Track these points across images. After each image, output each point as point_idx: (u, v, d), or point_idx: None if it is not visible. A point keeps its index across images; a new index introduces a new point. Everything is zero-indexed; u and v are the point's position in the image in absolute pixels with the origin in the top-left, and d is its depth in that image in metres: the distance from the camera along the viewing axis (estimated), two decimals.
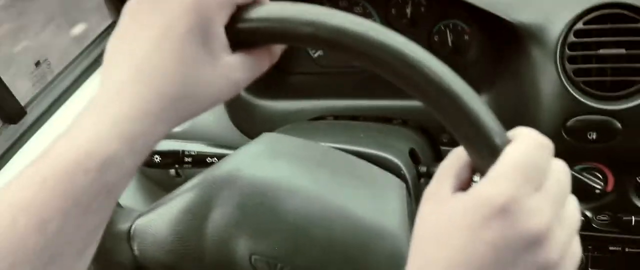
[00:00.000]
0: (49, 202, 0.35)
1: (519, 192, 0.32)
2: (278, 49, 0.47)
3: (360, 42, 0.38)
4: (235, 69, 0.42)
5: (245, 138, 0.97)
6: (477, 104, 0.36)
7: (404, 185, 0.66)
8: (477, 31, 0.92)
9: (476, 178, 0.37)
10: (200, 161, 0.78)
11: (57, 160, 0.36)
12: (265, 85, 0.99)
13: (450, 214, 0.34)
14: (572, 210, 0.36)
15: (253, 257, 0.58)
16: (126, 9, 0.42)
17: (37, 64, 1.06)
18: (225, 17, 0.41)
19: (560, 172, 0.36)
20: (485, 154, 0.35)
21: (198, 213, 0.60)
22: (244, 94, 0.97)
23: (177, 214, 0.61)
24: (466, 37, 0.94)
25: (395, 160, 0.70)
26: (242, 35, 0.42)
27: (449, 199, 0.35)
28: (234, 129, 0.99)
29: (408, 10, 0.95)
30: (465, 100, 0.36)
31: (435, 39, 0.95)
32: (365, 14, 0.98)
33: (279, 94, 0.98)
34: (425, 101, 0.38)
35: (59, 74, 1.03)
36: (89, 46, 1.12)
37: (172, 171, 0.99)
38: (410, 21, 0.95)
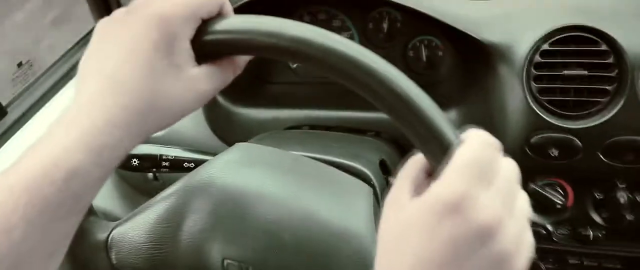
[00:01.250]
0: (14, 209, 0.36)
1: (469, 188, 0.34)
2: (242, 59, 0.49)
3: (317, 51, 0.40)
4: (200, 81, 0.44)
5: (224, 144, 0.99)
6: (429, 106, 0.38)
7: (371, 189, 0.68)
8: (450, 47, 0.95)
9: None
10: (178, 166, 0.80)
11: (25, 169, 0.37)
12: (243, 93, 1.01)
13: (408, 217, 0.36)
14: (522, 203, 0.37)
15: (225, 262, 0.60)
16: (98, 27, 0.44)
17: (20, 64, 1.07)
18: (190, 30, 0.43)
19: (508, 168, 0.37)
20: (437, 154, 0.37)
21: (173, 221, 0.61)
22: (222, 101, 0.99)
23: (153, 222, 0.63)
24: (440, 53, 0.97)
25: (365, 170, 0.72)
26: (206, 47, 0.44)
27: (407, 203, 0.37)
28: (213, 135, 1.01)
29: (385, 25, 0.98)
30: (418, 102, 0.38)
31: (411, 54, 0.98)
32: (343, 28, 1.00)
33: (257, 102, 1.00)
34: (380, 105, 0.40)
35: (41, 75, 1.04)
36: (72, 48, 1.13)
37: (150, 175, 1.00)
38: (386, 36, 0.98)
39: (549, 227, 0.85)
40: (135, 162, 0.80)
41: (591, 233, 0.82)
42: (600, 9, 0.77)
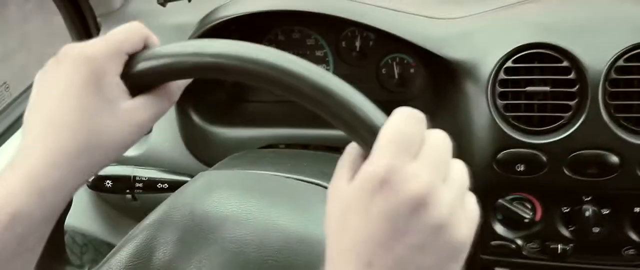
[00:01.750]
0: None
1: (395, 162, 0.34)
2: (176, 85, 0.50)
3: (239, 62, 0.41)
4: (135, 112, 0.46)
5: (201, 164, 1.00)
6: (352, 94, 0.39)
7: None
8: (421, 65, 0.97)
9: None
10: (151, 187, 0.81)
11: None
12: (219, 112, 1.02)
13: (346, 200, 0.36)
14: (458, 171, 0.38)
15: None
16: (36, 77, 0.46)
17: None
18: (118, 66, 0.45)
19: (437, 138, 0.38)
20: (367, 139, 0.38)
21: (144, 255, 0.62)
22: (198, 121, 1.00)
23: (126, 260, 0.63)
24: (412, 70, 0.99)
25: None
26: (134, 79, 0.45)
27: (344, 188, 0.37)
28: (189, 154, 1.01)
29: (357, 44, 0.99)
30: (341, 92, 0.39)
31: (383, 72, 1.00)
32: (317, 46, 1.02)
33: (233, 122, 1.01)
34: (308, 104, 0.40)
35: (17, 97, 1.05)
36: None
37: (129, 195, 1.01)
38: (359, 54, 1.00)
39: (519, 242, 0.86)
40: (108, 183, 0.81)
41: (560, 246, 0.83)
42: (562, 26, 0.79)
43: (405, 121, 0.37)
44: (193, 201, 0.64)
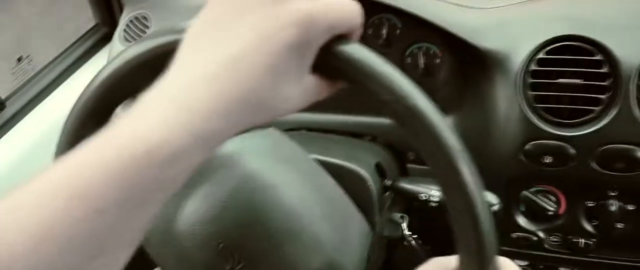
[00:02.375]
0: (107, 191, 0.33)
1: None
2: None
3: (421, 127, 0.40)
4: (310, 90, 0.42)
5: None
6: (489, 223, 0.41)
7: (372, 232, 0.70)
8: (447, 55, 0.97)
9: None
10: None
11: (125, 146, 0.33)
12: None
13: None
14: None
15: (221, 245, 0.59)
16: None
17: (19, 59, 1.07)
18: (324, 40, 0.40)
19: None
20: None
21: (190, 179, 0.61)
22: None
23: None
24: (437, 60, 0.98)
25: (362, 171, 0.73)
26: (330, 64, 0.42)
27: None
28: None
29: (384, 31, 0.99)
30: (483, 219, 0.40)
31: (408, 61, 0.99)
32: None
33: None
34: (449, 202, 0.42)
35: (40, 70, 1.04)
36: (72, 45, 1.14)
37: None
38: (385, 42, 0.99)
39: (541, 234, 0.86)
40: None
41: (582, 241, 0.83)
42: (596, 19, 0.79)
43: None
44: (259, 160, 0.62)
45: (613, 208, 0.80)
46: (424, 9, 0.84)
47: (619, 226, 0.81)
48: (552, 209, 0.82)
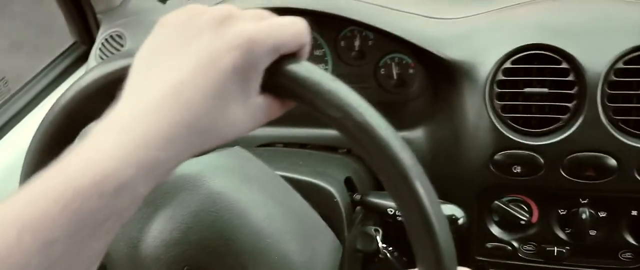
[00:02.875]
0: (57, 221, 0.33)
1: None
2: None
3: (374, 146, 0.40)
4: (260, 110, 0.42)
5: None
6: (447, 237, 0.41)
7: (341, 247, 0.70)
8: (420, 66, 0.97)
9: None
10: None
11: (73, 177, 0.34)
12: None
13: None
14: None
15: (186, 268, 0.59)
16: (170, 20, 0.41)
17: None
18: (269, 62, 0.40)
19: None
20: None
21: (150, 204, 0.60)
22: None
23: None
24: (411, 70, 0.98)
25: (330, 188, 0.73)
26: (278, 84, 0.42)
27: None
28: None
29: (356, 43, 0.99)
30: (440, 232, 0.40)
31: (382, 72, 1.00)
32: (316, 46, 1.02)
33: None
34: (406, 219, 0.41)
35: (16, 92, 1.04)
36: (48, 66, 1.14)
37: None
38: (358, 54, 0.99)
39: (515, 244, 0.86)
40: None
41: (556, 249, 0.83)
42: (562, 27, 0.79)
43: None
44: (223, 179, 0.61)
45: (585, 216, 0.80)
46: (392, 23, 0.84)
47: (591, 233, 0.81)
48: (524, 218, 0.82)
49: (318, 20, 0.97)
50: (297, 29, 0.41)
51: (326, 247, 0.67)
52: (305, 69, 0.42)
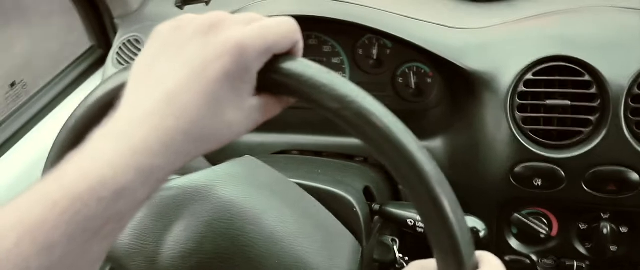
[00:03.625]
0: (57, 226, 0.34)
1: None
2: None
3: (382, 138, 0.40)
4: (256, 111, 0.43)
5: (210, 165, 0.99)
6: (459, 218, 0.39)
7: (360, 248, 0.69)
8: (438, 75, 0.96)
9: None
10: None
11: (71, 184, 0.35)
12: None
13: None
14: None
15: None
16: (161, 31, 0.42)
17: (12, 84, 1.07)
18: (261, 64, 0.41)
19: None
20: (451, 265, 0.40)
21: (165, 215, 0.60)
22: None
23: (143, 212, 0.61)
24: (429, 80, 0.98)
25: (349, 197, 0.72)
26: (273, 84, 0.42)
27: None
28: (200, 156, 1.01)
29: (374, 52, 0.99)
30: (450, 212, 0.39)
31: (400, 81, 0.99)
32: (334, 54, 1.01)
33: None
34: (414, 200, 0.40)
35: (34, 95, 1.05)
36: (66, 68, 1.14)
37: None
38: (376, 62, 0.99)
39: (534, 257, 0.85)
40: None
41: (575, 264, 0.82)
42: (584, 40, 0.78)
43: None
44: (233, 188, 0.61)
45: (606, 231, 0.78)
46: (409, 31, 0.84)
47: (612, 249, 0.80)
48: (544, 231, 0.81)
49: (336, 28, 0.97)
50: (286, 28, 0.42)
51: (344, 249, 0.67)
52: (299, 64, 0.42)
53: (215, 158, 1.00)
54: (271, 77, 0.42)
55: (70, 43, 1.32)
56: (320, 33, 1.01)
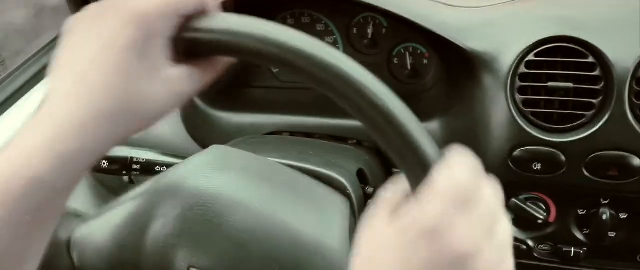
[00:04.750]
0: None
1: (446, 213, 0.33)
2: (222, 61, 0.46)
3: (304, 61, 0.38)
4: (178, 82, 0.41)
5: (200, 148, 0.96)
6: (410, 120, 0.37)
7: (348, 202, 0.67)
8: (435, 56, 0.93)
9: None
10: (149, 170, 0.77)
11: None
12: (222, 97, 0.98)
13: (385, 238, 0.35)
14: (503, 229, 0.36)
15: (190, 268, 0.58)
16: (72, 20, 0.41)
17: None
18: (170, 28, 0.40)
19: (489, 192, 0.36)
20: (417, 173, 0.36)
21: (139, 222, 0.59)
22: (200, 104, 0.96)
23: (118, 223, 0.60)
24: (425, 61, 0.95)
25: (342, 179, 0.70)
26: (186, 46, 0.41)
27: (384, 224, 0.35)
28: (190, 138, 0.98)
29: (369, 31, 0.96)
30: (398, 116, 0.36)
31: (395, 62, 0.96)
32: (327, 32, 0.98)
33: (236, 107, 0.97)
34: (360, 117, 0.38)
35: (12, 72, 1.01)
36: (43, 48, 1.10)
37: (126, 178, 0.97)
38: (371, 42, 0.96)
39: (530, 243, 0.83)
40: (104, 163, 0.77)
41: (573, 250, 0.80)
42: (588, 21, 0.75)
43: (465, 171, 0.34)
44: (200, 177, 0.60)
45: (605, 217, 0.77)
46: (406, 8, 0.81)
47: (611, 235, 0.78)
48: (541, 217, 0.79)
49: (330, 5, 0.94)
50: None
51: (334, 209, 0.64)
52: (209, 18, 0.41)
53: (204, 139, 0.97)
54: (183, 38, 0.41)
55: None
56: (313, 11, 0.98)
